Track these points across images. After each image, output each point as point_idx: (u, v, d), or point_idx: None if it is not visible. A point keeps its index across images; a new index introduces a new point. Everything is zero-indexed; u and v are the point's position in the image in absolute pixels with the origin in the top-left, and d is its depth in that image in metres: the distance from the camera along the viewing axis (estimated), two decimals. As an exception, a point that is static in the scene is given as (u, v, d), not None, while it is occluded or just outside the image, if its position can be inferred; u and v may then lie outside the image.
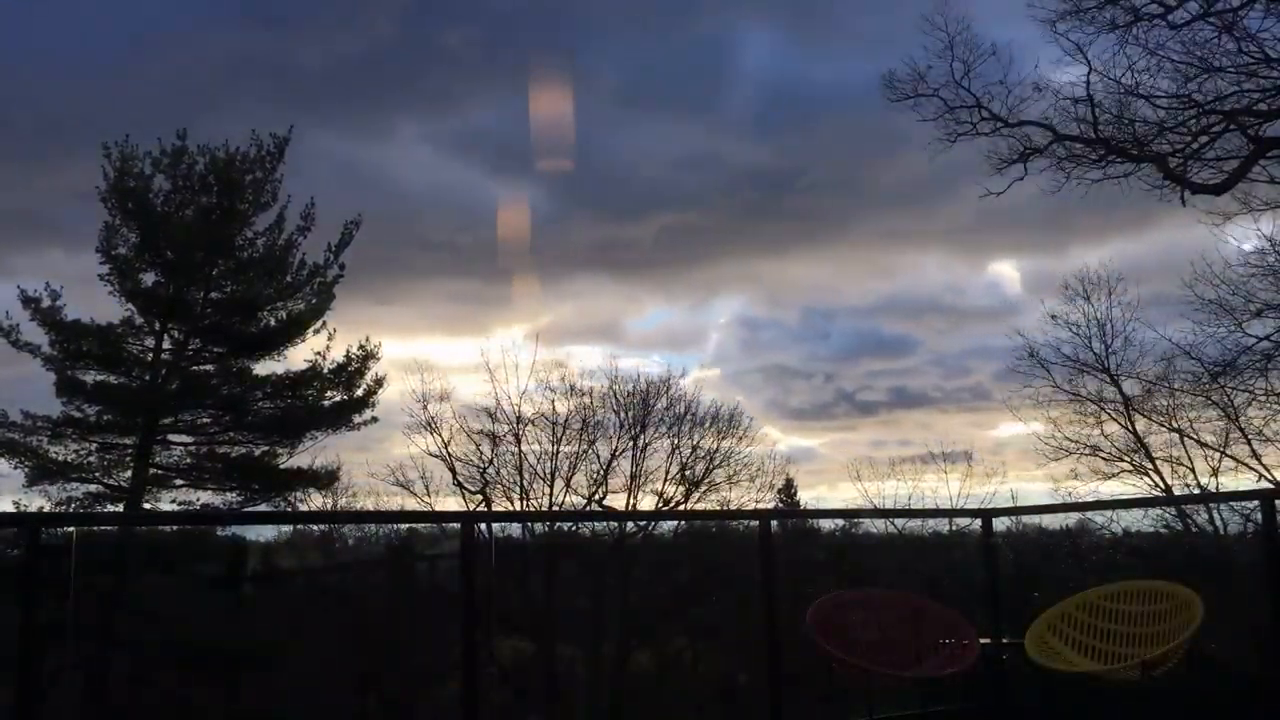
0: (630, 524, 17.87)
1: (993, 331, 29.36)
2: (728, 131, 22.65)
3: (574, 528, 17.50)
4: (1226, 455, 14.52)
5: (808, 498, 22.63)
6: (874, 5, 20.02)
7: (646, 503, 18.69)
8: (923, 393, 27.43)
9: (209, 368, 17.85)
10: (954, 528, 14.43)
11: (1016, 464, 24.99)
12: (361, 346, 18.27)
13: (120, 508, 17.09)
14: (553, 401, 18.94)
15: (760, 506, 18.90)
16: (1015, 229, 23.84)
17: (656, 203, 23.00)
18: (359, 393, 18.12)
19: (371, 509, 18.97)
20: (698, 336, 30.69)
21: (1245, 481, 14.16)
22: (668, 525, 18.61)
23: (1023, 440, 31.25)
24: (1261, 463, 14.16)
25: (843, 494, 23.28)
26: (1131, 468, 15.63)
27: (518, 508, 18.39)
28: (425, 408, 18.93)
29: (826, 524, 18.52)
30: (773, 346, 30.35)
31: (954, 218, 24.16)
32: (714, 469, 18.91)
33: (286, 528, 17.74)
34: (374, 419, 18.22)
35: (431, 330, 27.68)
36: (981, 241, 25.04)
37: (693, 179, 22.72)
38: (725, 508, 18.82)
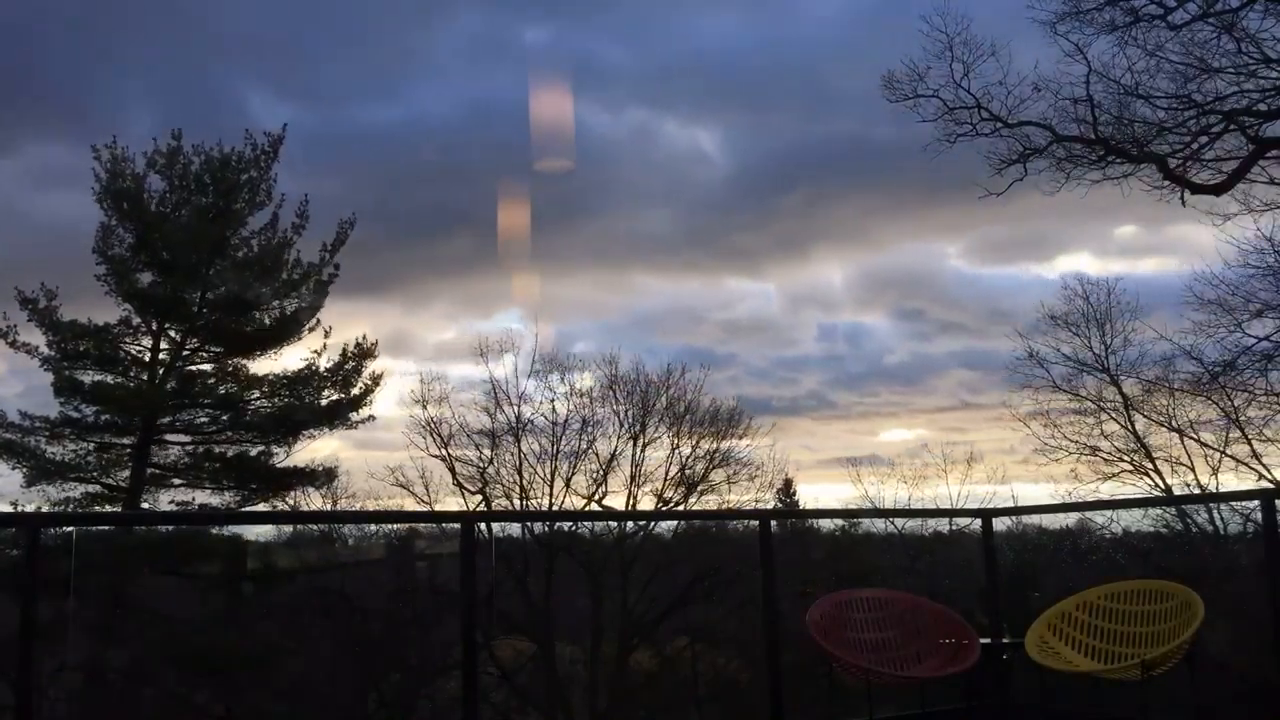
0: (630, 524, 17.84)
1: (759, 344, 27.61)
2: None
3: (574, 528, 17.49)
4: (1226, 455, 14.49)
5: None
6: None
7: (646, 503, 18.65)
8: (765, 402, 25.89)
9: (206, 367, 17.82)
10: (954, 527, 14.47)
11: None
12: (358, 344, 18.25)
13: (118, 508, 17.06)
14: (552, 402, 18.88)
15: (760, 506, 18.87)
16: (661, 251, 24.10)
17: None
18: (356, 391, 18.09)
19: (371, 509, 18.89)
20: (497, 349, 29.32)
21: (1245, 481, 14.14)
22: (667, 525, 18.60)
23: (914, 444, 30.45)
24: (1261, 463, 14.12)
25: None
26: (1131, 468, 15.60)
27: (518, 507, 18.34)
28: (425, 407, 18.88)
29: (826, 524, 18.64)
30: (586, 360, 29.64)
31: (632, 235, 24.18)
32: (713, 469, 18.86)
33: (286, 527, 17.74)
34: (371, 417, 18.19)
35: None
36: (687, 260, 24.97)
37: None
38: (724, 507, 18.76)
